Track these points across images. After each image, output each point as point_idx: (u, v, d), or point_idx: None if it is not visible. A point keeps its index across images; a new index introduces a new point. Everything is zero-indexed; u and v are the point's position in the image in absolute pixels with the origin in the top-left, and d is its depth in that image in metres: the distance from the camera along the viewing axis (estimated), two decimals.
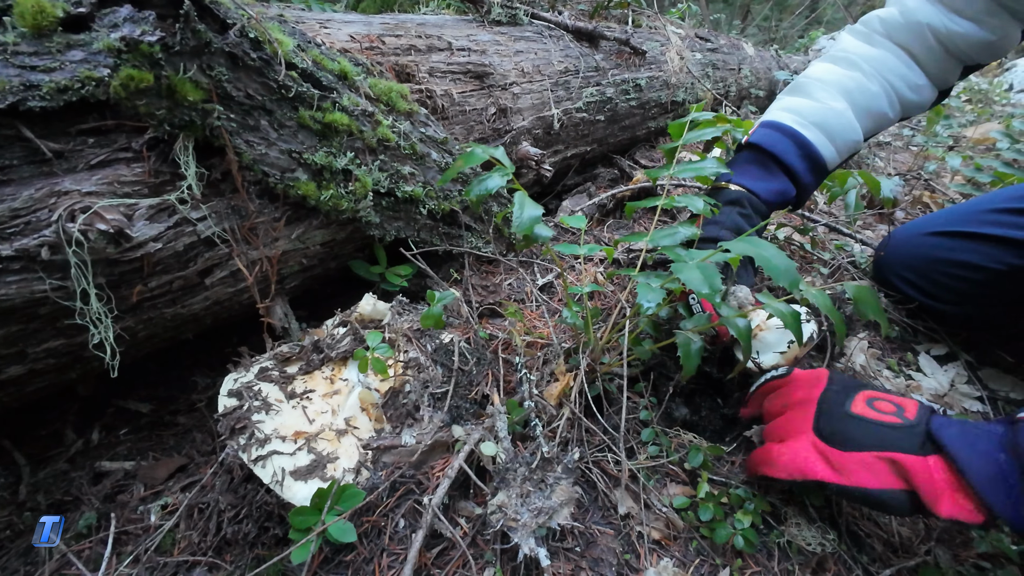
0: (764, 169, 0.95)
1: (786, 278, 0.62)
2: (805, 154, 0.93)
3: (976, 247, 1.00)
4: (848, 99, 0.95)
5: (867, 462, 0.60)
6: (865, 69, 0.95)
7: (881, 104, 0.95)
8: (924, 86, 0.97)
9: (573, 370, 0.86)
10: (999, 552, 0.72)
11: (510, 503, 0.66)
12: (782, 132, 0.94)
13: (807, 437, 0.65)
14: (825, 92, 0.95)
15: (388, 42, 0.95)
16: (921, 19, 0.91)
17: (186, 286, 0.69)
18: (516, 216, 0.68)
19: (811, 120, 0.93)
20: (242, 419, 0.65)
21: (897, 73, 0.95)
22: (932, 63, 0.95)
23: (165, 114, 0.58)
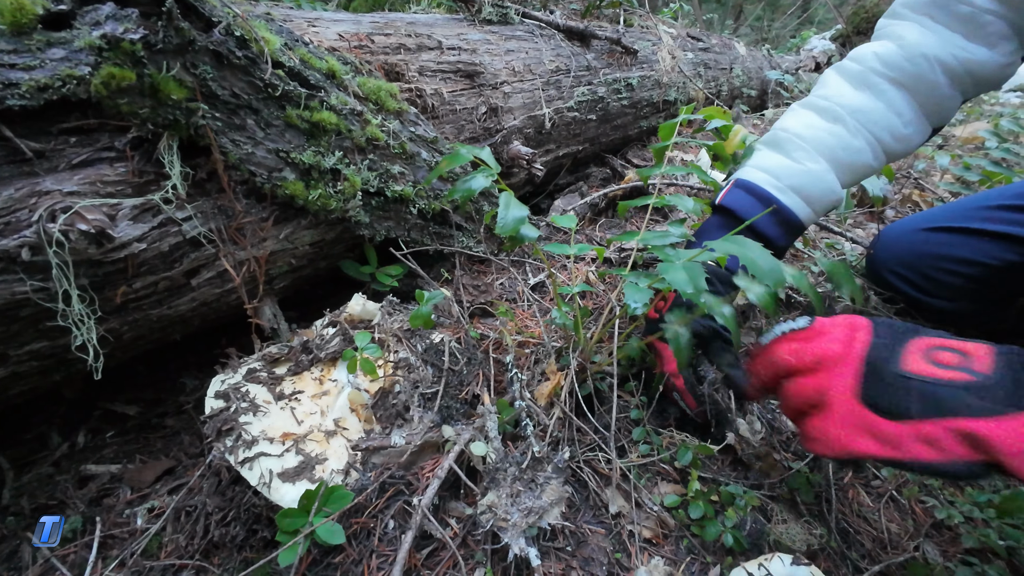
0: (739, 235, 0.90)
1: (771, 277, 0.62)
2: (780, 220, 0.87)
3: (971, 242, 1.00)
4: (829, 157, 0.88)
5: (927, 433, 0.49)
6: (849, 123, 0.87)
7: (864, 158, 0.89)
8: (912, 134, 0.90)
9: (564, 369, 0.86)
10: (987, 547, 0.73)
11: (500, 503, 0.65)
12: (756, 196, 0.88)
13: (849, 406, 0.53)
14: (803, 152, 0.88)
15: (377, 41, 0.94)
16: (927, 52, 0.83)
17: (172, 287, 0.68)
18: (501, 217, 0.68)
19: (788, 183, 0.87)
20: (229, 421, 0.65)
21: (884, 125, 0.88)
22: (933, 100, 0.87)
23: (148, 113, 0.57)
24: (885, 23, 0.91)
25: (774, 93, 2.83)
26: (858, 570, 0.71)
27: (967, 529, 0.75)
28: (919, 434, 0.49)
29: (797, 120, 0.91)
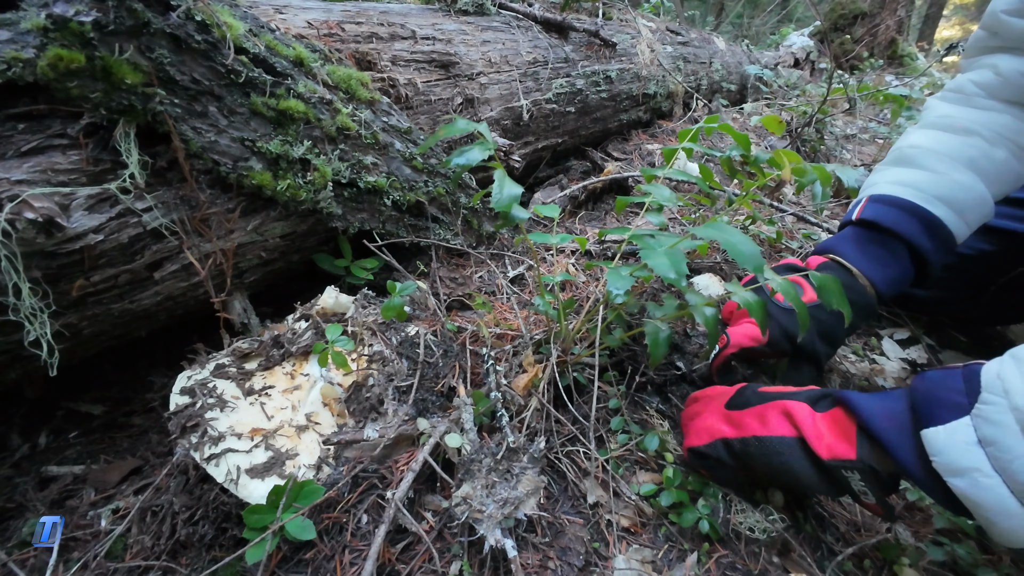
0: (886, 251, 0.80)
1: (751, 263, 0.62)
2: (932, 231, 0.78)
3: None
4: (973, 168, 0.79)
5: (760, 412, 0.65)
6: (983, 133, 0.80)
7: (1013, 167, 0.80)
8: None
9: (543, 361, 0.85)
10: (956, 527, 0.74)
11: (475, 494, 0.65)
12: (900, 208, 0.79)
13: (717, 409, 0.71)
14: (943, 163, 0.80)
15: (348, 29, 0.92)
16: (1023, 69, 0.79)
17: (134, 280, 0.66)
18: (496, 192, 0.67)
19: (933, 194, 0.78)
20: (194, 417, 0.63)
21: (1018, 131, 0.80)
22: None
23: (101, 97, 0.55)
24: (970, 63, 0.88)
25: (753, 88, 2.86)
26: (832, 552, 0.72)
27: (938, 510, 0.76)
28: (754, 414, 0.65)
29: (924, 137, 0.85)
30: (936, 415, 0.50)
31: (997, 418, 0.46)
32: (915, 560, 0.69)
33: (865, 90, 2.06)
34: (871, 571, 0.70)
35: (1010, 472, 0.45)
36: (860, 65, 4.82)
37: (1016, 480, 0.44)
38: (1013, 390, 0.46)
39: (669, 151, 0.99)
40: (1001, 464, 0.45)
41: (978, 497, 0.47)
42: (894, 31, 5.17)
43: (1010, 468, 0.45)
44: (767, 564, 0.70)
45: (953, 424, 0.48)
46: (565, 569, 0.66)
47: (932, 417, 0.50)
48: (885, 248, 0.80)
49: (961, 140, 0.81)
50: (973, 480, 0.46)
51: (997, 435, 0.46)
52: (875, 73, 4.71)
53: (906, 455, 0.52)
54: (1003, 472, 0.45)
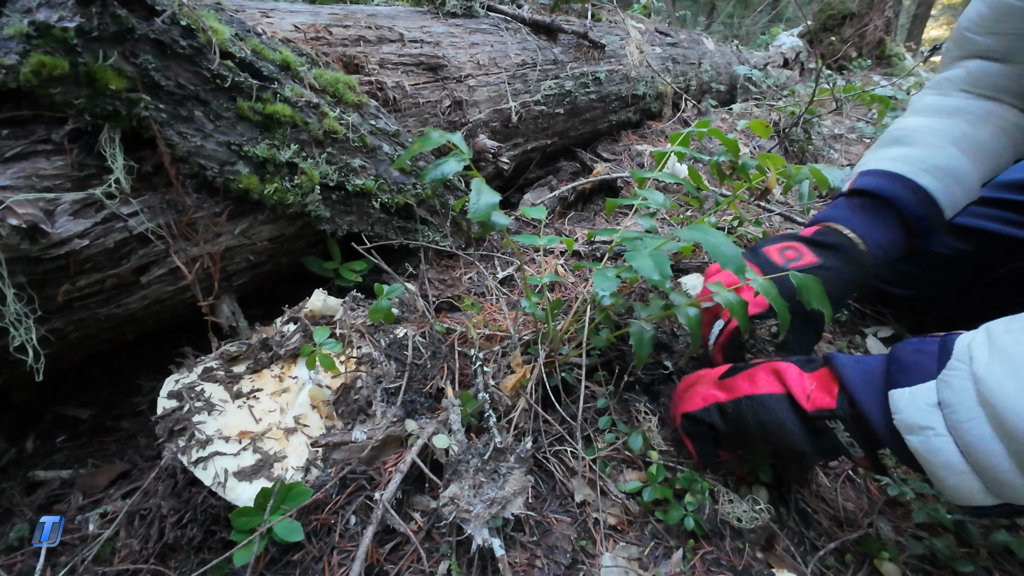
0: (877, 217, 0.82)
1: (732, 264, 0.64)
2: (923, 201, 0.80)
3: None
4: (958, 147, 0.82)
5: (750, 374, 0.67)
6: (967, 116, 0.83)
7: (999, 146, 0.83)
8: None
9: (531, 361, 0.86)
10: (936, 522, 0.76)
11: (462, 495, 0.65)
12: (892, 178, 0.81)
13: (711, 378, 0.73)
14: (932, 138, 0.83)
15: (336, 32, 0.93)
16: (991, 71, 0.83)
17: (120, 284, 0.66)
18: (473, 202, 0.68)
19: (922, 168, 0.80)
20: (181, 421, 0.63)
21: (1001, 114, 0.83)
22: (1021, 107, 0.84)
23: (85, 103, 0.55)
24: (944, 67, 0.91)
25: (743, 88, 2.88)
26: (815, 547, 0.73)
27: (918, 505, 0.78)
28: (745, 375, 0.68)
29: (911, 120, 0.88)
30: (906, 378, 0.53)
31: (957, 383, 0.49)
32: (895, 555, 0.70)
33: (852, 91, 2.08)
34: (852, 565, 0.71)
35: (961, 432, 0.48)
36: (849, 65, 4.87)
37: (965, 440, 0.47)
38: (977, 358, 0.49)
39: (660, 154, 1.00)
40: (954, 425, 0.48)
41: (929, 454, 0.50)
42: (882, 31, 5.22)
43: (961, 429, 0.48)
44: (751, 559, 0.71)
45: (918, 387, 0.52)
46: (552, 567, 0.67)
47: (902, 380, 0.53)
48: (876, 212, 0.82)
49: (946, 121, 0.85)
50: (926, 438, 0.50)
51: (954, 399, 0.49)
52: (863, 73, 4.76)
53: (872, 410, 0.55)
54: (954, 432, 0.48)
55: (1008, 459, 0.45)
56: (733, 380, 0.69)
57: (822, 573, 0.70)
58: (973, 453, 0.47)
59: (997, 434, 0.46)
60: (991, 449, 0.46)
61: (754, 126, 1.08)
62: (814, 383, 0.62)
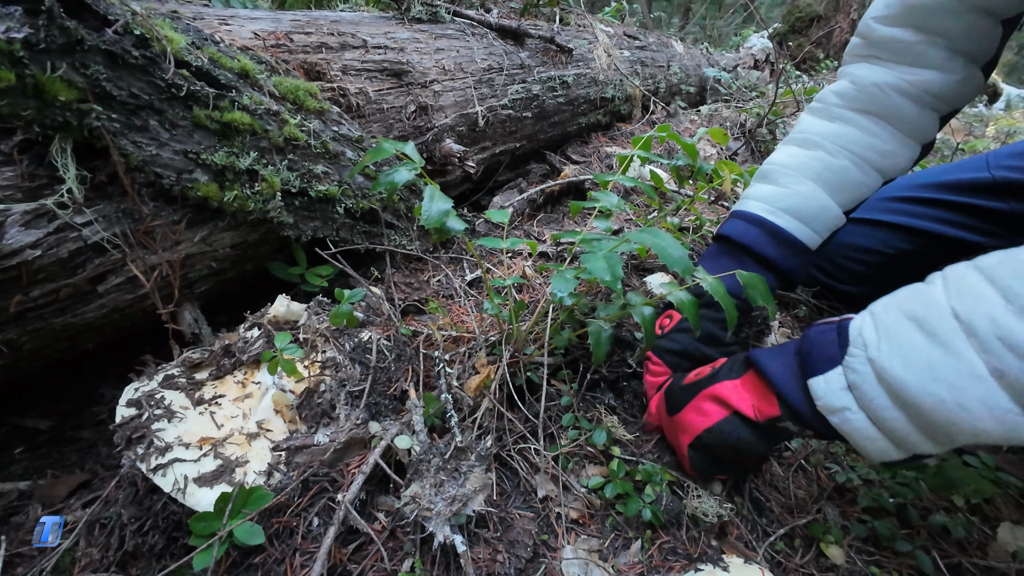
0: (736, 261, 0.91)
1: (680, 265, 0.67)
2: (778, 240, 0.89)
3: (870, 232, 1.08)
4: (816, 178, 0.91)
5: (696, 407, 0.72)
6: (827, 147, 0.91)
7: (853, 176, 0.91)
8: (896, 149, 0.92)
9: (496, 362, 0.88)
10: (879, 506, 0.80)
11: (424, 493, 0.67)
12: (750, 222, 0.91)
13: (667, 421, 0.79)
14: (790, 177, 0.92)
15: (297, 40, 0.93)
16: (877, 81, 0.89)
17: (76, 294, 0.66)
18: (425, 209, 0.69)
19: (779, 206, 0.90)
20: (140, 428, 0.63)
21: (863, 144, 0.91)
22: (903, 121, 0.90)
23: (34, 115, 0.55)
24: (841, 71, 0.97)
25: (712, 90, 2.95)
26: (767, 533, 0.77)
27: (864, 491, 0.82)
28: (690, 409, 0.72)
29: (781, 153, 0.97)
30: (817, 366, 0.60)
31: (858, 367, 0.56)
32: (839, 538, 0.74)
33: (813, 92, 2.15)
34: (801, 549, 0.75)
35: (871, 409, 0.56)
36: (816, 66, 5.00)
37: (875, 414, 0.56)
38: (869, 343, 0.57)
39: (623, 158, 1.03)
40: (864, 403, 0.56)
41: (849, 428, 0.58)
42: (848, 33, 5.37)
43: (871, 406, 0.56)
44: (706, 548, 0.74)
45: (829, 374, 0.59)
46: (513, 561, 0.69)
47: (815, 368, 0.60)
48: (732, 258, 0.92)
49: (807, 154, 0.93)
50: (845, 417, 0.57)
51: (859, 381, 0.56)
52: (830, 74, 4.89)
53: (799, 402, 0.62)
54: (865, 408, 0.56)
55: (908, 423, 0.54)
56: (684, 417, 0.74)
57: (772, 557, 0.74)
58: (881, 422, 0.55)
59: (896, 404, 0.54)
60: (894, 417, 0.54)
61: (713, 134, 1.11)
62: (750, 391, 0.68)
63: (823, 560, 0.74)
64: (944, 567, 0.74)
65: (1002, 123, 3.55)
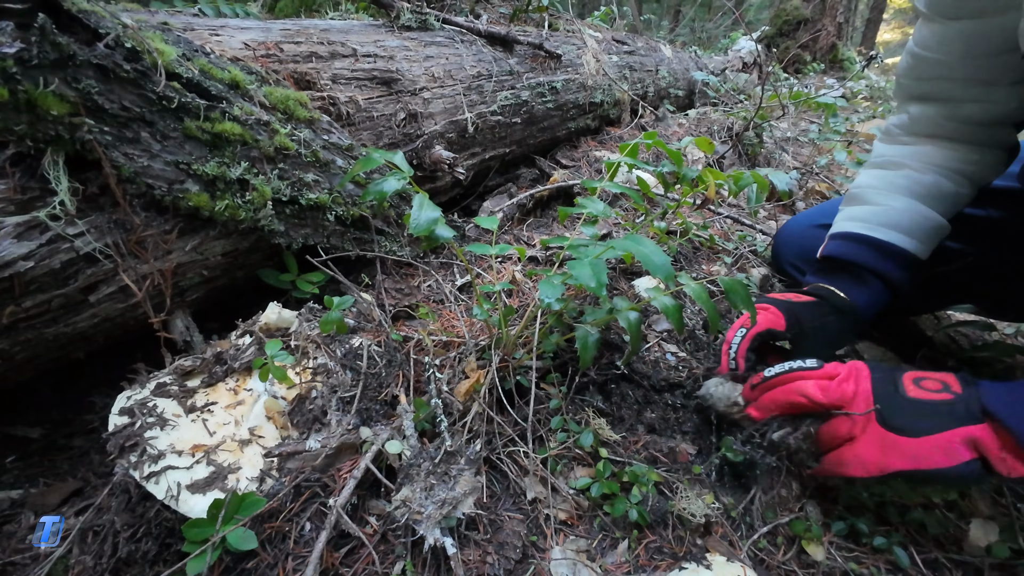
0: (851, 276, 0.93)
1: (662, 272, 0.68)
2: (888, 254, 0.90)
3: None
4: (909, 194, 0.92)
5: (943, 444, 0.63)
6: (913, 164, 0.93)
7: (944, 186, 0.92)
8: (977, 159, 0.92)
9: (486, 366, 0.89)
10: (859, 503, 0.82)
11: (414, 497, 0.68)
12: (852, 240, 0.92)
13: (878, 433, 0.68)
14: (882, 195, 0.94)
15: (287, 49, 0.94)
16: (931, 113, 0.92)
17: (68, 304, 0.66)
18: (414, 218, 0.71)
19: (878, 222, 0.91)
20: (133, 437, 0.64)
21: (943, 157, 0.92)
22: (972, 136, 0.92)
23: (26, 129, 0.56)
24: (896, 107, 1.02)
25: (701, 93, 2.98)
26: (751, 531, 0.79)
27: (845, 489, 0.84)
28: (936, 445, 0.63)
29: (866, 176, 0.99)
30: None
31: None
32: (818, 534, 0.76)
33: (798, 97, 2.18)
34: (783, 546, 0.77)
35: None
36: (804, 69, 5.07)
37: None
38: None
39: (610, 164, 1.05)
40: None
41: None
42: (834, 36, 5.46)
43: None
44: (691, 546, 0.76)
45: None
46: (503, 562, 0.70)
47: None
48: (849, 274, 0.93)
49: (894, 173, 0.95)
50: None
51: None
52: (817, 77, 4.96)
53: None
54: None
55: None
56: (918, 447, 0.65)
57: (756, 555, 0.76)
58: None
59: None
60: None
61: (699, 142, 1.14)
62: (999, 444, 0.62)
63: (804, 557, 0.76)
64: (920, 562, 0.77)
65: None
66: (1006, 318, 1.21)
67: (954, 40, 0.84)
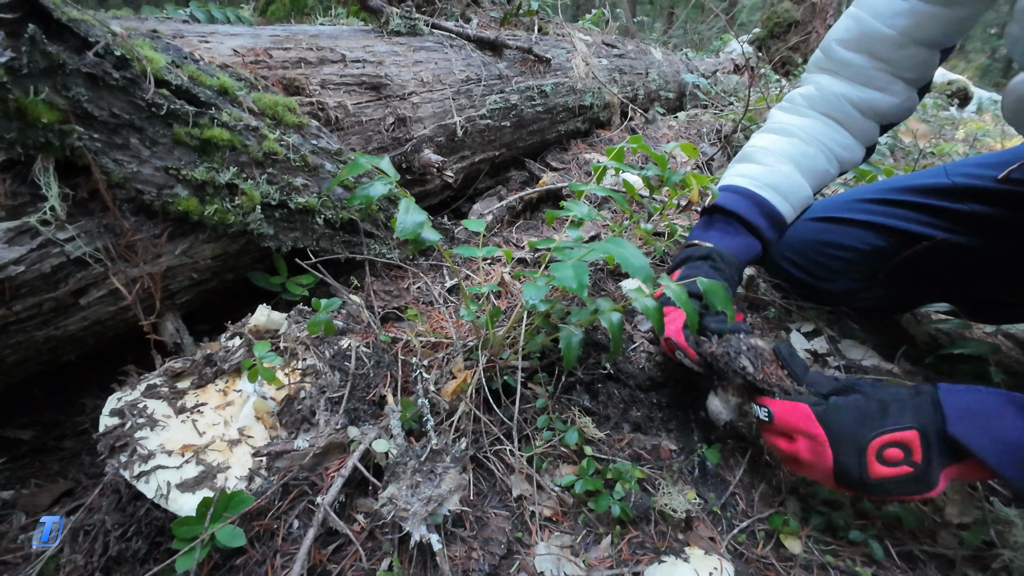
0: (730, 228, 1.02)
1: (640, 274, 0.70)
2: (764, 212, 1.01)
3: (846, 230, 1.15)
4: (792, 162, 1.03)
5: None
6: (801, 136, 1.04)
7: (820, 163, 1.05)
8: (853, 145, 1.06)
9: (473, 367, 0.91)
10: (837, 499, 0.84)
11: (400, 494, 0.70)
12: (740, 194, 1.02)
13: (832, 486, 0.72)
14: (771, 158, 1.04)
15: (276, 55, 0.96)
16: (837, 91, 1.02)
17: (58, 307, 0.68)
18: (400, 221, 0.72)
19: (764, 182, 1.02)
20: (123, 437, 0.65)
21: (828, 136, 1.05)
22: (854, 126, 1.05)
23: (16, 136, 0.57)
24: (805, 77, 1.12)
25: (691, 95, 3.01)
26: (732, 526, 0.81)
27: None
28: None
29: (759, 139, 1.09)
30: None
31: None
32: (796, 529, 0.78)
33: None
34: (762, 541, 0.79)
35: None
36: (795, 71, 5.11)
37: None
38: None
39: (597, 168, 1.07)
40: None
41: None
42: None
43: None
44: (673, 541, 0.78)
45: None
46: (488, 558, 0.72)
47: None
48: (727, 225, 1.02)
49: (785, 140, 1.06)
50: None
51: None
52: None
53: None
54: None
55: None
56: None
57: (735, 549, 0.78)
58: None
59: None
60: None
61: (684, 148, 1.16)
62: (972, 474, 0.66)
63: (783, 550, 0.78)
64: (896, 555, 0.79)
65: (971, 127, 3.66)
66: (984, 320, 1.24)
67: (904, 16, 0.92)
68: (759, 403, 0.76)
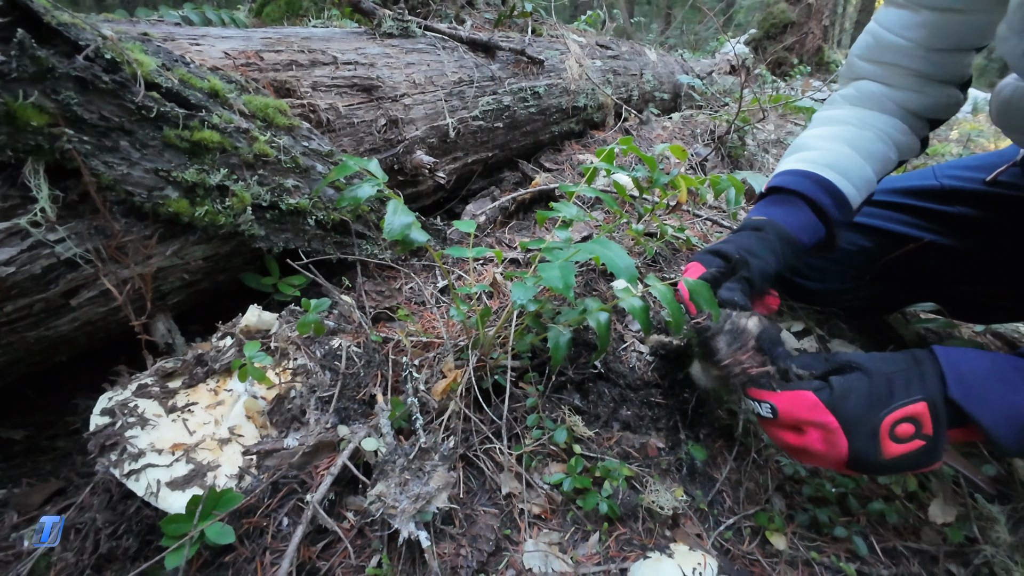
0: (792, 208, 0.95)
1: (625, 274, 0.71)
2: (828, 190, 0.93)
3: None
4: (848, 145, 0.98)
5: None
6: (853, 122, 1.00)
7: (879, 146, 0.98)
8: (907, 130, 1.00)
9: (464, 366, 0.91)
10: (822, 496, 0.85)
11: (389, 492, 0.70)
12: (799, 175, 0.95)
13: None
14: (827, 142, 0.99)
15: (267, 58, 0.97)
16: (874, 91, 1.00)
17: (49, 308, 0.68)
18: (388, 223, 0.73)
19: (823, 163, 0.95)
20: (113, 436, 0.66)
21: (880, 121, 1.00)
22: (901, 118, 1.00)
23: (6, 139, 0.58)
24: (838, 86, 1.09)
25: (687, 96, 3.02)
26: (718, 523, 0.82)
27: (809, 481, 0.87)
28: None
29: (810, 131, 1.04)
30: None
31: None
32: (781, 525, 0.79)
33: (778, 100, 2.23)
34: (748, 537, 0.80)
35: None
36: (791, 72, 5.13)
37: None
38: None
39: (588, 169, 1.08)
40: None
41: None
42: (820, 39, 5.53)
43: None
44: (660, 538, 0.79)
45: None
46: (476, 555, 0.73)
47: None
48: (789, 203, 0.95)
49: (839, 128, 1.01)
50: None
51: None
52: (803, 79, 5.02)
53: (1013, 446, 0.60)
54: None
55: None
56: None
57: (721, 545, 0.79)
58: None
59: None
60: None
61: (673, 150, 1.17)
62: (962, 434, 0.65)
63: (768, 547, 0.79)
64: (880, 551, 0.80)
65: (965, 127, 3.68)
66: (971, 319, 1.25)
67: (917, 27, 0.90)
68: (756, 398, 0.71)
